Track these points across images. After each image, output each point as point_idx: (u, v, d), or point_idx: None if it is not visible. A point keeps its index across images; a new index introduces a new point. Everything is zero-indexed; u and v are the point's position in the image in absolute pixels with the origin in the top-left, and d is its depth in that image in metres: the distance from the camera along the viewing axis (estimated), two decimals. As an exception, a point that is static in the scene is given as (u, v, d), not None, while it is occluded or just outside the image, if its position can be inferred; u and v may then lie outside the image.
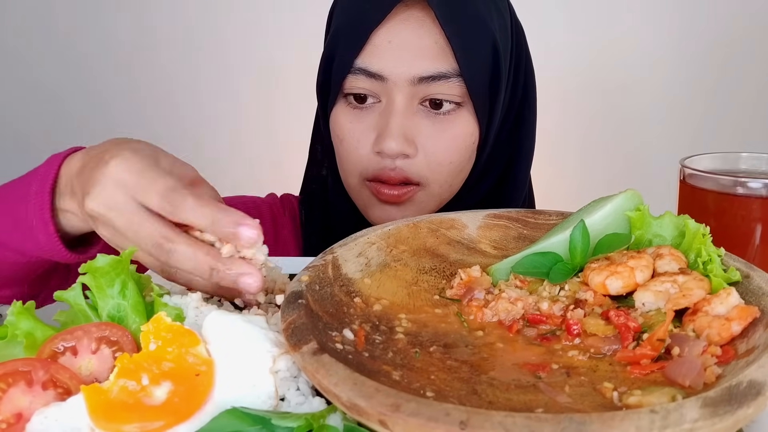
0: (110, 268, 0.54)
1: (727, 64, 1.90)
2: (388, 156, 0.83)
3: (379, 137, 0.83)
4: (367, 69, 0.82)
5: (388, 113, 0.83)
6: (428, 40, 0.82)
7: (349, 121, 0.87)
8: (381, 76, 0.82)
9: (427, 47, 0.82)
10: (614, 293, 0.56)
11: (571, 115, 2.00)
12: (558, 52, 1.94)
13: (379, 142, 0.83)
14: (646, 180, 1.49)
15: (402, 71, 0.81)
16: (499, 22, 0.87)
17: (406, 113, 0.83)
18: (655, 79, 1.94)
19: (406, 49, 0.82)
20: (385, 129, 0.82)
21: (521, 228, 0.69)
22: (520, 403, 0.45)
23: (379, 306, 0.58)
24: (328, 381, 0.43)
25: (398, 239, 0.66)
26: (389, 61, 0.82)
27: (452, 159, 0.86)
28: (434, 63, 0.82)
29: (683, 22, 1.90)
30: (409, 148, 0.83)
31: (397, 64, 0.81)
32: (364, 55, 0.83)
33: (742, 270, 0.55)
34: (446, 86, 0.82)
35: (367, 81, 0.83)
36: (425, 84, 0.82)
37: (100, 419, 0.43)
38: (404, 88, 0.82)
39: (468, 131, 0.86)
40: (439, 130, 0.84)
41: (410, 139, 0.83)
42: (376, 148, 0.84)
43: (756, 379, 0.41)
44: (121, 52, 2.07)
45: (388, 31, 0.82)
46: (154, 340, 0.48)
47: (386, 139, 0.82)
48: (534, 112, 0.97)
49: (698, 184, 0.76)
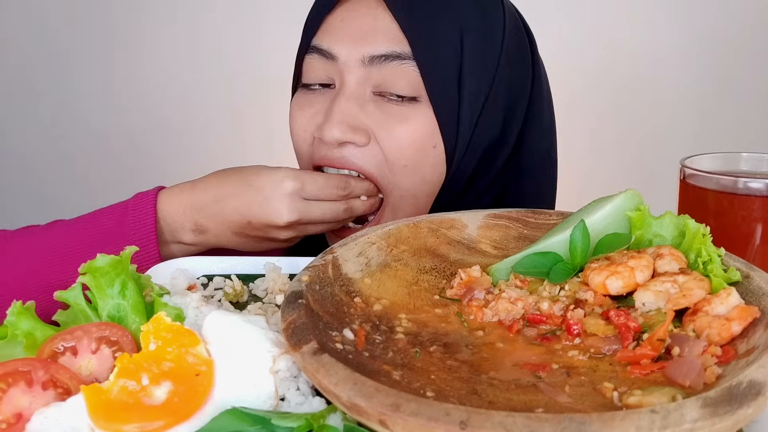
0: (110, 268, 0.54)
1: (727, 65, 1.90)
2: (329, 144, 0.79)
3: (323, 122, 0.79)
4: (319, 46, 0.81)
5: (336, 95, 0.79)
6: (382, 22, 0.79)
7: (299, 109, 0.84)
8: (331, 54, 0.80)
9: (380, 26, 0.79)
10: (614, 293, 0.56)
11: (571, 115, 2.00)
12: (560, 53, 1.94)
13: (320, 127, 0.79)
14: (646, 180, 1.49)
15: (352, 48, 0.79)
16: (474, 21, 0.81)
17: (357, 98, 0.79)
18: (655, 80, 1.94)
19: (357, 28, 0.79)
20: (328, 112, 0.78)
21: (521, 228, 0.69)
22: (521, 403, 0.45)
23: (379, 306, 0.58)
24: (328, 381, 0.43)
25: (398, 239, 0.66)
26: (340, 38, 0.80)
27: (406, 160, 0.79)
28: (387, 42, 0.78)
29: (684, 23, 1.90)
30: (354, 136, 0.78)
31: (346, 41, 0.79)
32: (318, 35, 0.82)
33: (743, 270, 0.55)
34: (400, 70, 0.77)
35: (320, 61, 0.81)
36: (377, 66, 0.78)
37: (100, 419, 0.43)
38: (355, 70, 0.79)
39: (425, 132, 0.79)
40: (393, 122, 0.79)
41: (358, 127, 0.78)
42: (317, 134, 0.80)
43: (756, 380, 0.41)
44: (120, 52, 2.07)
45: (342, 12, 0.81)
46: (154, 340, 0.48)
47: (326, 125, 0.78)
48: (543, 132, 0.91)
49: (699, 184, 0.76)
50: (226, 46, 2.05)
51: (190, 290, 0.62)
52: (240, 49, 2.05)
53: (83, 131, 2.12)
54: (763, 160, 0.80)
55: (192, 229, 0.79)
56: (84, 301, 0.54)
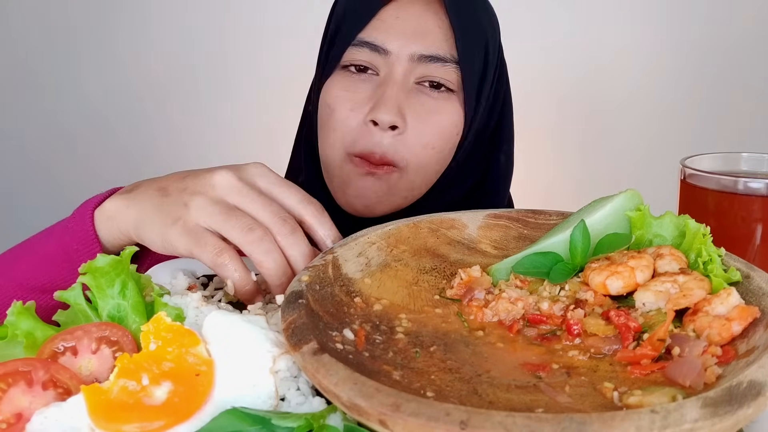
0: (110, 268, 0.54)
1: (728, 64, 1.90)
2: (382, 126, 0.83)
3: (375, 106, 0.84)
4: (373, 42, 0.85)
5: (386, 83, 0.84)
6: (433, 23, 0.86)
7: (344, 89, 0.87)
8: (384, 49, 0.85)
9: (430, 28, 0.85)
10: (614, 293, 0.56)
11: (571, 114, 2.00)
12: (558, 52, 1.94)
13: (374, 111, 0.83)
14: (646, 180, 1.49)
15: (405, 45, 0.84)
16: (488, 21, 0.92)
17: (403, 88, 0.84)
18: (655, 79, 1.94)
19: (411, 27, 0.85)
20: (381, 98, 0.83)
21: (521, 228, 0.69)
22: (521, 403, 0.45)
23: (379, 306, 0.58)
24: (329, 381, 0.43)
25: (398, 239, 0.66)
26: (395, 35, 0.85)
27: (435, 144, 0.87)
28: (435, 44, 0.85)
29: (684, 22, 1.90)
30: (401, 121, 0.83)
31: (401, 38, 0.84)
32: (369, 29, 0.86)
33: (743, 270, 0.55)
34: (442, 70, 0.85)
35: (368, 54, 0.85)
36: (423, 63, 0.84)
37: (100, 419, 0.43)
38: (404, 63, 0.84)
39: (454, 120, 0.87)
40: (430, 112, 0.86)
41: (402, 114, 0.84)
42: (370, 116, 0.83)
43: (756, 380, 0.41)
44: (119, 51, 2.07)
45: (397, 8, 0.86)
46: (154, 340, 0.48)
47: (381, 108, 0.82)
48: (510, 126, 0.99)
49: (699, 184, 0.76)
50: (228, 46, 2.05)
51: (190, 290, 0.62)
52: (240, 49, 2.05)
53: (83, 131, 2.13)
54: (763, 160, 0.80)
55: (121, 193, 0.70)
56: (84, 301, 0.54)
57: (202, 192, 0.64)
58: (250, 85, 2.05)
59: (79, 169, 2.14)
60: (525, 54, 1.19)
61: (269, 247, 0.61)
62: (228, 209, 0.62)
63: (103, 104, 2.10)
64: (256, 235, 0.60)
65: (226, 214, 0.62)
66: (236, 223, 0.61)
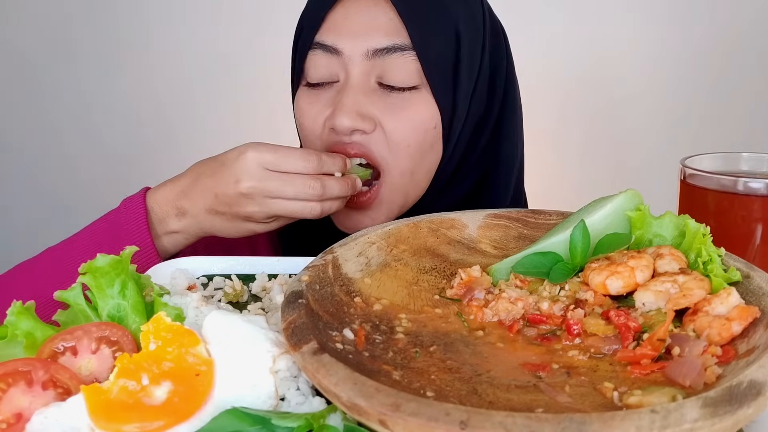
0: (110, 268, 0.54)
1: (728, 64, 1.90)
2: (341, 132, 0.83)
3: (332, 113, 0.83)
4: (324, 43, 0.85)
5: (343, 89, 0.84)
6: (383, 17, 0.84)
7: (307, 103, 0.88)
8: (336, 50, 0.84)
9: (381, 22, 0.84)
10: (614, 293, 0.56)
11: (571, 114, 2.00)
12: (558, 52, 1.94)
13: (332, 117, 0.83)
14: (646, 180, 1.49)
15: (356, 43, 0.83)
16: (464, 10, 0.88)
17: (362, 89, 0.83)
18: (655, 79, 1.94)
19: (360, 24, 0.84)
20: (338, 104, 0.83)
21: (521, 228, 0.69)
22: (521, 403, 0.45)
23: (379, 306, 0.58)
24: (328, 381, 0.43)
25: (398, 239, 0.66)
26: (346, 35, 0.84)
27: (410, 141, 0.85)
28: (388, 36, 0.83)
29: (684, 22, 1.90)
30: (363, 124, 0.82)
31: (351, 36, 0.84)
32: (322, 32, 0.86)
33: (743, 270, 0.55)
34: (402, 60, 0.83)
35: (326, 58, 0.85)
36: (380, 58, 0.83)
37: (100, 419, 0.43)
38: (359, 63, 0.83)
39: (427, 114, 0.85)
40: (397, 109, 0.84)
41: (366, 115, 0.83)
42: (329, 124, 0.84)
43: (756, 379, 0.41)
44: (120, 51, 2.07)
45: (344, 9, 0.85)
46: (154, 340, 0.48)
47: (338, 115, 0.82)
48: (517, 118, 0.98)
49: (699, 184, 0.76)
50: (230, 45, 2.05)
51: (190, 290, 0.62)
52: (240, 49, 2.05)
53: (83, 131, 2.12)
54: (763, 160, 0.80)
55: (175, 214, 0.80)
56: (84, 301, 0.54)
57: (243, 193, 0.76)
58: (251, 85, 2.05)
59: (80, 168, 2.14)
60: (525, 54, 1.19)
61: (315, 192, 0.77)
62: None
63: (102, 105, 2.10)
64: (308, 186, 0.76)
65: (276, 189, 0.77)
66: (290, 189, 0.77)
